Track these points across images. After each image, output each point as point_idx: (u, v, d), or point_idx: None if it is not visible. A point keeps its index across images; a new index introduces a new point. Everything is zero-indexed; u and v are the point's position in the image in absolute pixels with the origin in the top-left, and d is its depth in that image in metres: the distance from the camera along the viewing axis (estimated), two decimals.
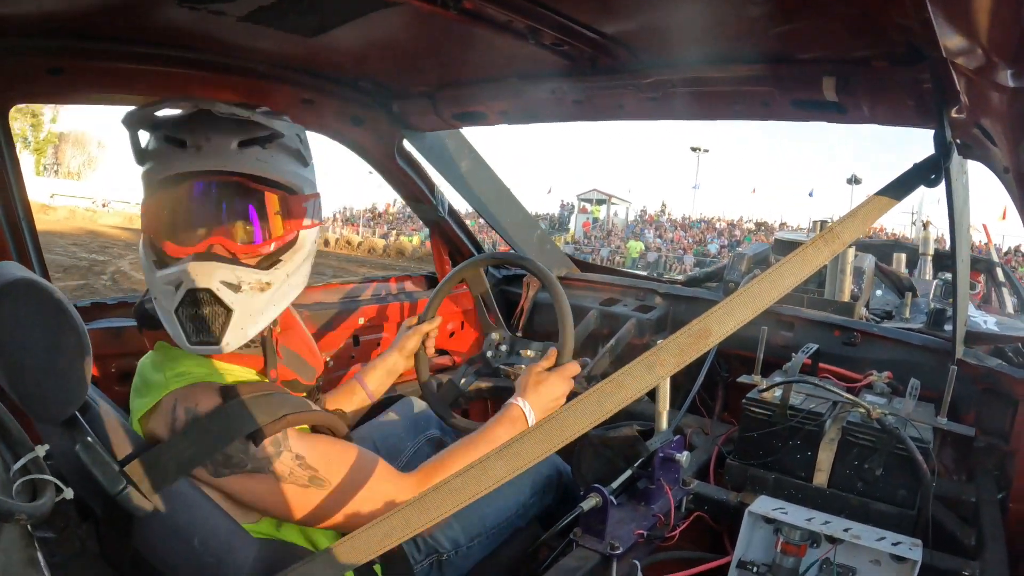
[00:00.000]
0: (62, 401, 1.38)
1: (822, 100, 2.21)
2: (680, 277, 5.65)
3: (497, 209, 4.03)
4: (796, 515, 2.10)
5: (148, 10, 2.08)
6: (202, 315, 1.68)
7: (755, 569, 2.12)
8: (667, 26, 2.15)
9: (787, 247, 5.45)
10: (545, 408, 2.30)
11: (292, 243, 1.79)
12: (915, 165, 1.77)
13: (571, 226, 64.96)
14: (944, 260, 8.54)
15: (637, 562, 2.07)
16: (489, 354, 3.07)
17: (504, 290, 4.12)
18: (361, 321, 3.53)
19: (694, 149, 70.37)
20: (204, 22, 2.15)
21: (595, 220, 62.84)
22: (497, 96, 2.96)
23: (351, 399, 2.65)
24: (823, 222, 5.89)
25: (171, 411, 1.62)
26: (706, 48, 2.24)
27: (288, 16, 2.14)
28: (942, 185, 1.89)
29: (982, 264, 9.34)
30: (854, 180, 56.28)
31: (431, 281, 4.13)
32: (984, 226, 14.75)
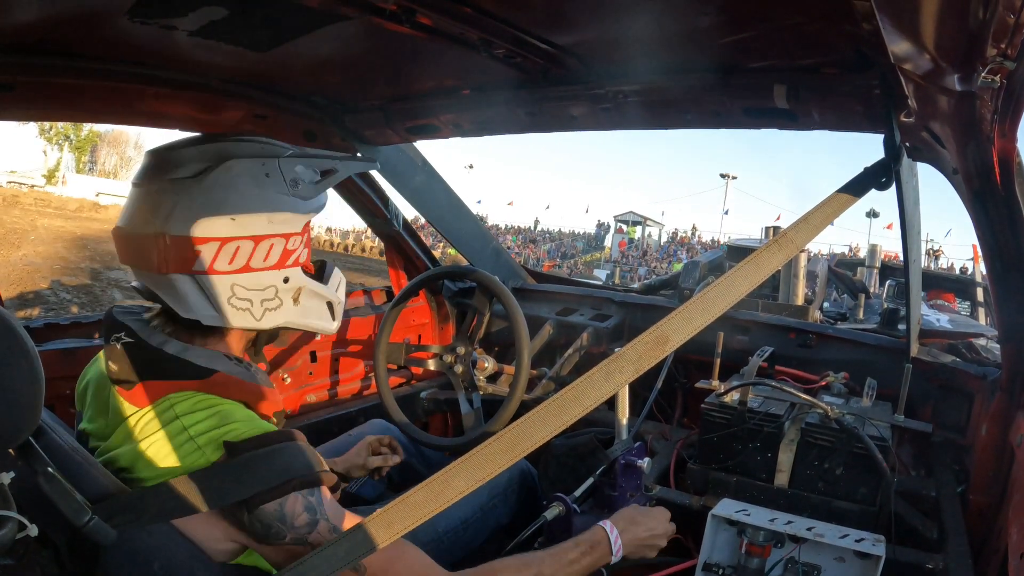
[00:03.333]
0: (14, 427, 1.34)
1: (773, 108, 2.23)
2: (636, 285, 5.68)
3: (451, 222, 4.03)
4: (759, 516, 2.12)
5: (99, 25, 2.04)
6: None
7: (720, 571, 2.13)
8: (618, 37, 2.16)
9: (741, 253, 5.50)
10: (636, 540, 2.08)
11: None
12: (865, 169, 1.80)
13: (607, 244, 65.99)
14: (888, 272, 8.73)
15: (603, 569, 2.07)
16: (451, 364, 3.08)
17: (460, 302, 4.11)
18: (318, 337, 3.51)
19: (723, 176, 71.12)
20: (156, 37, 2.12)
21: (631, 240, 64.07)
22: (450, 109, 2.95)
23: None
24: (775, 228, 5.95)
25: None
26: (657, 58, 2.26)
27: (240, 31, 2.12)
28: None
29: (961, 285, 9.55)
30: (872, 214, 57.09)
31: (389, 295, 4.12)
32: (974, 247, 14.98)
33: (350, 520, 1.67)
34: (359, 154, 3.45)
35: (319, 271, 1.96)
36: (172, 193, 1.64)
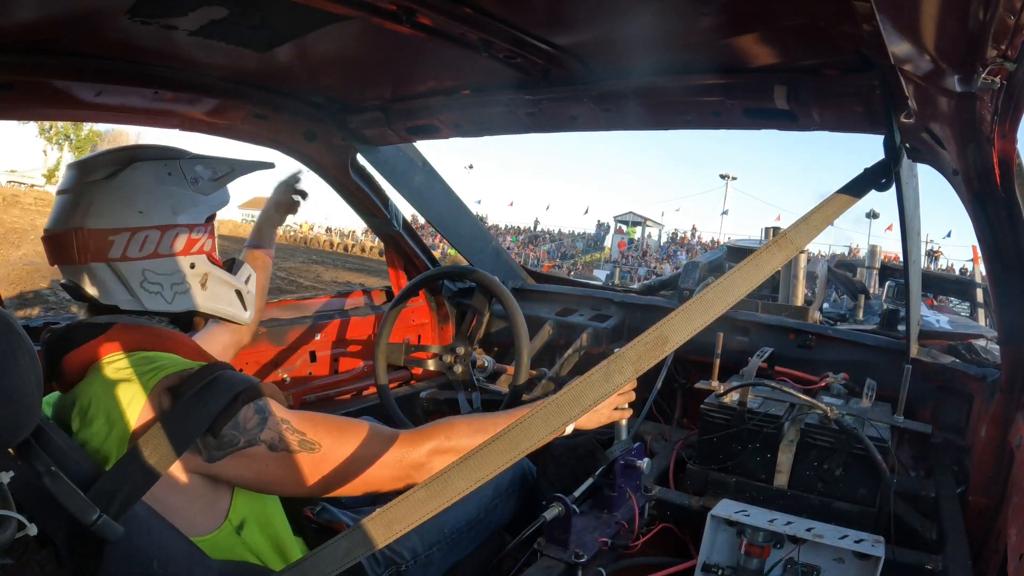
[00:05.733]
0: (13, 425, 1.34)
1: (773, 108, 2.23)
2: (635, 286, 5.68)
3: (452, 222, 4.03)
4: (758, 517, 2.12)
5: (100, 25, 2.06)
6: None
7: (720, 572, 2.13)
8: (618, 37, 2.16)
9: (740, 254, 5.50)
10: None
11: None
12: (866, 170, 1.80)
13: (607, 245, 66.17)
14: (888, 273, 8.73)
15: (602, 570, 2.07)
16: (450, 364, 3.08)
17: (460, 302, 4.11)
18: (318, 337, 3.51)
19: (723, 176, 70.87)
20: (156, 37, 2.13)
21: (631, 241, 64.07)
22: (450, 109, 2.95)
23: (255, 264, 2.67)
24: (775, 229, 5.95)
25: (158, 406, 1.64)
26: (657, 59, 2.25)
27: (240, 31, 2.13)
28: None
29: (960, 286, 9.56)
30: (872, 215, 56.88)
31: (389, 295, 4.12)
32: (974, 248, 14.95)
33: (300, 415, 1.78)
34: (359, 155, 3.46)
35: (228, 266, 2.11)
36: (88, 193, 1.82)
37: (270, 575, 1.76)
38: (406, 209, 3.86)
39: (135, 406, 1.62)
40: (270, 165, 2.27)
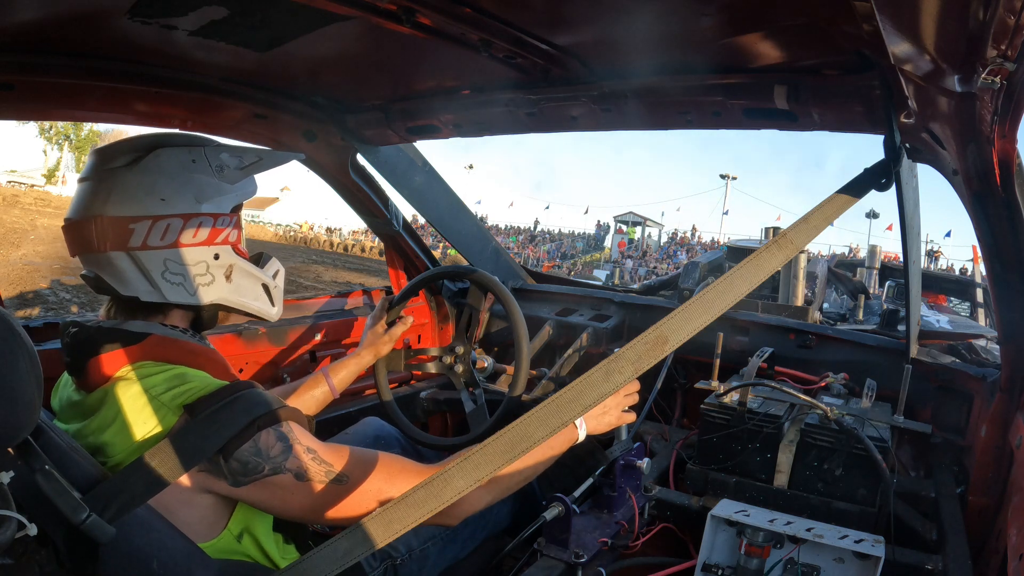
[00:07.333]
0: (13, 426, 1.34)
1: (773, 108, 2.23)
2: (635, 286, 5.67)
3: (452, 222, 4.02)
4: (758, 517, 2.12)
5: (100, 24, 2.05)
6: None
7: (720, 572, 2.13)
8: (618, 37, 2.16)
9: (740, 254, 5.50)
10: (592, 416, 2.26)
11: None
12: (866, 170, 1.80)
13: (606, 245, 66.28)
14: (888, 273, 8.74)
15: (602, 569, 2.07)
16: (451, 364, 3.08)
17: (460, 302, 4.11)
18: (318, 337, 3.51)
19: (723, 176, 70.84)
20: (156, 36, 2.13)
21: (630, 241, 64.17)
22: (450, 109, 2.95)
23: (313, 391, 2.64)
24: (775, 228, 5.95)
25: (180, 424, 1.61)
26: (657, 59, 2.25)
27: (240, 30, 2.13)
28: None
29: (960, 286, 9.56)
30: (872, 215, 56.85)
31: (389, 295, 4.11)
32: (974, 247, 14.93)
33: (327, 446, 1.76)
34: (359, 155, 3.45)
35: (256, 259, 2.09)
36: (109, 180, 1.78)
37: (269, 574, 1.76)
38: (406, 209, 3.85)
39: (166, 423, 1.61)
40: (300, 156, 2.26)
